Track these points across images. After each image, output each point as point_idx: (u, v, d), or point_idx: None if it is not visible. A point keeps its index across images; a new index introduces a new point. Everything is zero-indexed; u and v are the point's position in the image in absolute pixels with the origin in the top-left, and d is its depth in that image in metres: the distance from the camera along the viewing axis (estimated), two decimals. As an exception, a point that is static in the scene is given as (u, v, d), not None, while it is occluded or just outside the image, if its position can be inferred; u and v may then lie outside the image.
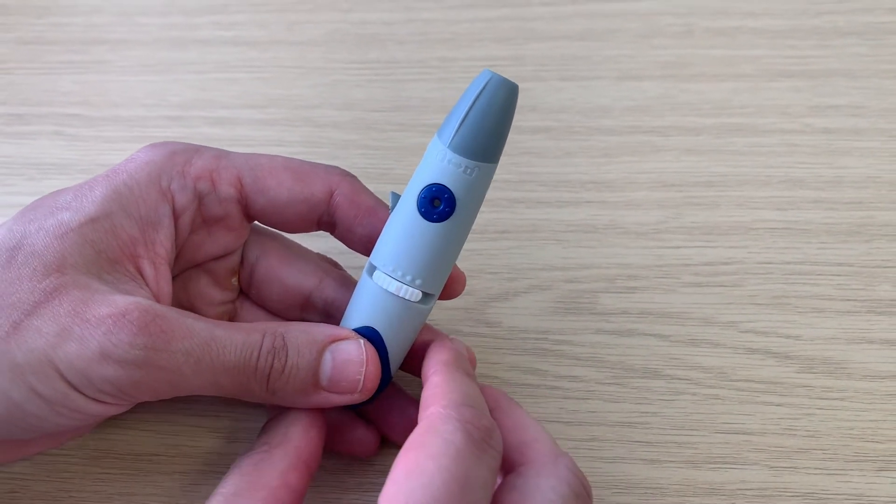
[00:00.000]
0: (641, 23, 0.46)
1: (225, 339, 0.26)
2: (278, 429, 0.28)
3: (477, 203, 0.28)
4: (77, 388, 0.25)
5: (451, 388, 0.26)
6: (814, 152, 0.40)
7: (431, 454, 0.23)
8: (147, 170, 0.28)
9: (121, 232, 0.27)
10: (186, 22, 0.49)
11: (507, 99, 0.26)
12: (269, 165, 0.30)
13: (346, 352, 0.28)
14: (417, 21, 0.47)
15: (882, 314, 0.35)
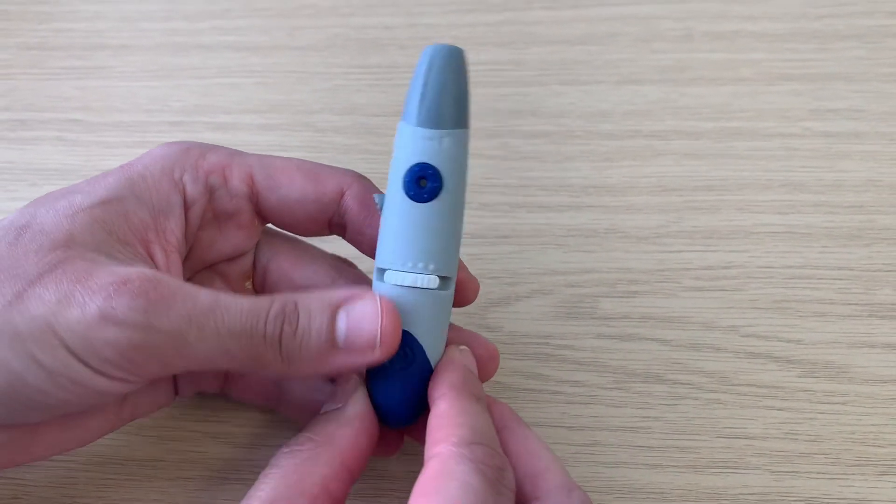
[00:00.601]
0: (641, 27, 0.46)
1: (230, 304, 0.25)
2: (326, 427, 0.26)
3: (462, 172, 0.27)
4: (79, 356, 0.24)
5: (461, 420, 0.25)
6: (814, 156, 0.40)
7: (449, 501, 0.22)
8: (161, 162, 0.29)
9: (132, 216, 0.27)
10: (188, 27, 0.49)
11: (456, 63, 0.26)
12: (282, 165, 0.30)
13: (361, 308, 0.26)
14: (418, 26, 0.47)
15: (884, 318, 0.35)
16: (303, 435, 0.26)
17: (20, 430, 0.27)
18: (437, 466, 0.23)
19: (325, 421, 0.27)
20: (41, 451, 0.29)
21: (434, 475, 0.23)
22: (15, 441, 0.27)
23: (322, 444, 0.26)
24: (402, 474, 0.32)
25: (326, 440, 0.26)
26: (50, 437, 0.28)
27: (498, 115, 0.43)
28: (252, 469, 0.32)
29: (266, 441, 0.33)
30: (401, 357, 0.27)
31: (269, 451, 0.32)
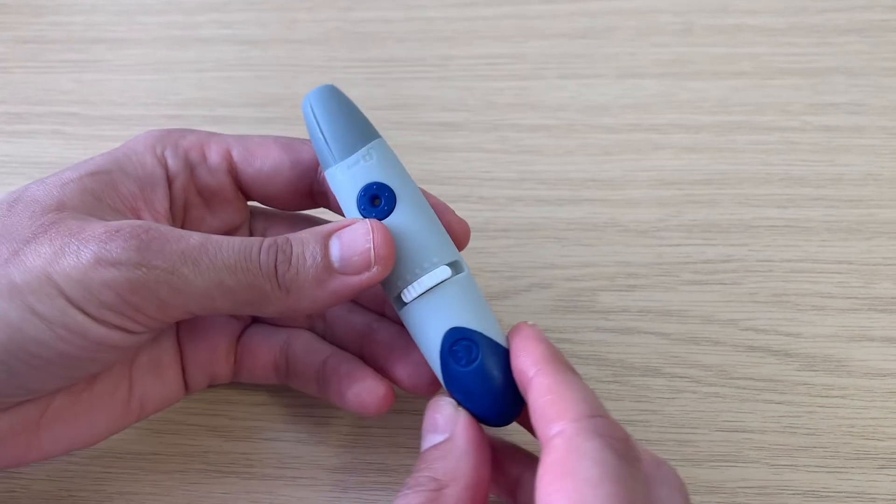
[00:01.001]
0: (641, 20, 0.46)
1: (222, 241, 0.26)
2: (446, 463, 0.25)
3: (401, 172, 0.28)
4: (76, 302, 0.24)
5: (571, 395, 0.24)
6: (814, 150, 0.40)
7: (590, 481, 0.21)
8: (143, 142, 0.30)
9: (120, 186, 0.28)
10: (186, 20, 0.48)
11: (331, 96, 0.28)
12: (259, 140, 0.31)
13: (352, 229, 0.27)
14: (417, 19, 0.47)
15: (883, 312, 0.35)
16: (422, 475, 0.25)
17: (24, 418, 0.27)
18: (564, 446, 0.22)
19: (440, 456, 0.25)
20: (47, 446, 0.28)
21: (563, 455, 0.22)
22: (19, 432, 0.27)
23: (446, 484, 0.25)
24: (397, 467, 0.32)
25: (450, 478, 0.25)
26: (56, 431, 0.28)
27: (497, 109, 0.43)
28: (248, 462, 0.32)
29: (263, 434, 0.33)
30: (467, 351, 0.27)
31: (266, 444, 0.32)
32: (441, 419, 0.26)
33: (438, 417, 0.27)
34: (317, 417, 0.33)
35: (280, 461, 0.32)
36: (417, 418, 0.32)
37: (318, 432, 0.33)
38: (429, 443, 0.26)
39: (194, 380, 0.32)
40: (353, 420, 0.33)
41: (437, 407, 0.27)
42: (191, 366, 0.32)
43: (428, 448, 0.26)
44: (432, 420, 0.27)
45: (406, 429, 0.33)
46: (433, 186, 0.40)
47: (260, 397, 0.34)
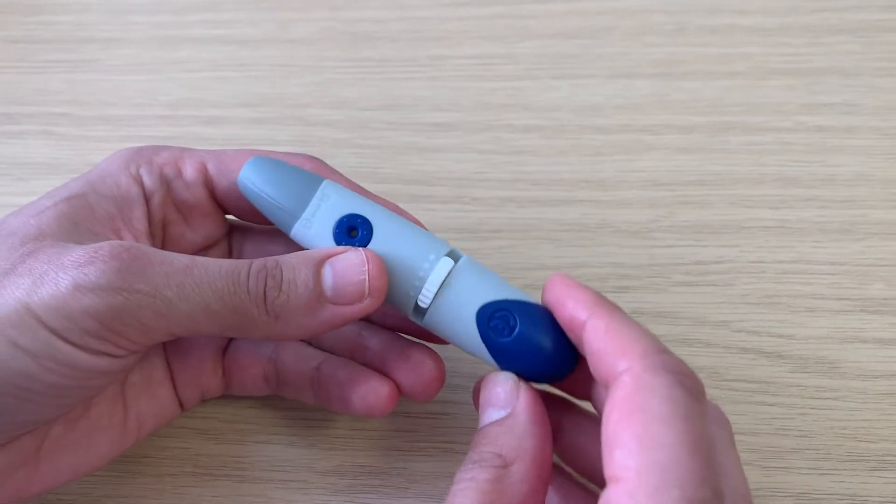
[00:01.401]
0: (634, 20, 0.46)
1: (208, 263, 0.25)
2: (510, 440, 0.24)
3: (362, 198, 0.28)
4: (59, 333, 0.24)
5: (630, 333, 0.23)
6: (807, 150, 0.40)
7: (660, 418, 0.20)
8: (117, 161, 0.29)
9: (97, 208, 0.28)
10: (177, 20, 0.48)
11: (264, 164, 0.29)
12: (234, 154, 0.30)
13: (346, 258, 0.26)
14: (410, 19, 0.47)
15: (875, 313, 0.35)
16: (486, 450, 0.24)
17: (21, 452, 0.27)
18: (632, 382, 0.21)
19: (504, 432, 0.25)
20: (49, 477, 0.28)
21: (632, 392, 0.21)
22: (18, 467, 0.27)
23: (513, 461, 0.24)
24: (389, 470, 0.32)
25: (516, 454, 0.24)
26: (56, 462, 0.28)
27: (489, 109, 0.43)
28: (239, 465, 0.32)
29: (254, 437, 0.33)
30: (504, 321, 0.26)
31: (257, 447, 0.32)
32: (503, 393, 0.26)
33: (500, 391, 0.26)
34: (308, 420, 0.33)
35: (271, 464, 0.32)
36: (408, 421, 0.33)
37: (309, 435, 0.33)
38: (489, 418, 0.25)
39: (186, 396, 0.31)
40: (344, 423, 0.33)
41: (496, 381, 0.26)
42: (180, 382, 0.31)
43: (489, 423, 0.25)
44: (493, 394, 0.26)
45: (398, 431, 0.33)
46: (426, 187, 0.40)
47: (251, 400, 0.34)
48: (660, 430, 0.20)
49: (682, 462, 0.20)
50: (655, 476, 0.20)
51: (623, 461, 0.20)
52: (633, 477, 0.20)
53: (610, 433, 0.21)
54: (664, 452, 0.20)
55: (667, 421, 0.20)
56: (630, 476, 0.20)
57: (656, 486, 0.19)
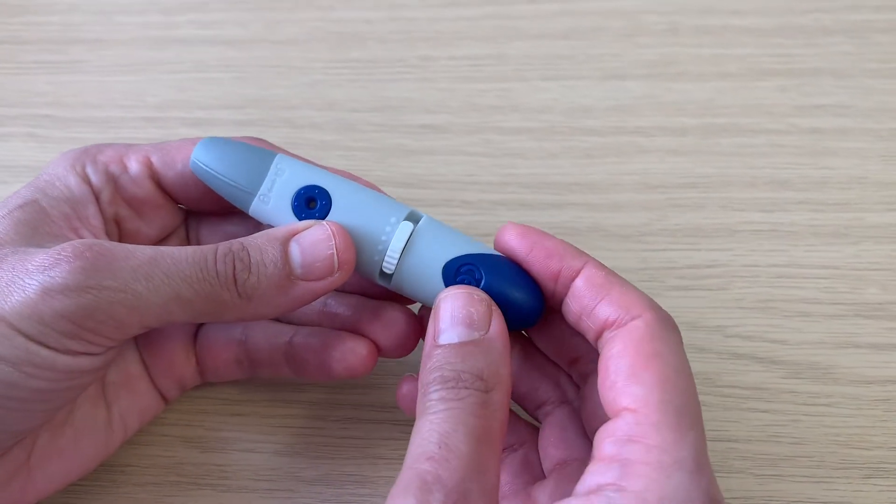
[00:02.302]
0: (626, 21, 0.45)
1: (175, 253, 0.25)
2: (487, 365, 0.24)
3: (317, 169, 0.29)
4: (35, 338, 0.24)
5: (626, 285, 0.26)
6: (800, 153, 0.40)
7: (676, 368, 0.24)
8: (62, 163, 0.29)
9: (52, 211, 0.28)
10: (165, 21, 0.48)
11: (213, 144, 0.28)
12: (178, 144, 0.30)
13: (312, 234, 0.26)
14: (399, 19, 0.47)
15: (869, 318, 0.34)
16: (465, 373, 0.24)
17: (13, 464, 0.27)
18: (647, 330, 0.24)
19: (479, 353, 0.25)
20: (42, 485, 0.28)
21: (648, 339, 0.24)
22: (11, 478, 0.27)
23: (493, 387, 0.24)
24: (376, 479, 0.31)
25: (494, 381, 0.24)
26: (47, 469, 0.28)
27: (479, 111, 0.42)
28: (223, 474, 0.31)
29: (238, 445, 0.32)
30: (470, 275, 0.27)
31: (242, 455, 0.32)
32: (476, 314, 0.25)
33: (473, 312, 0.25)
34: (294, 428, 0.33)
35: (256, 473, 0.31)
36: (396, 428, 0.32)
37: (295, 443, 0.32)
38: (459, 336, 0.25)
39: (164, 388, 0.31)
40: (331, 431, 0.32)
41: (468, 300, 0.26)
42: (155, 374, 0.31)
43: (462, 342, 0.25)
44: (466, 313, 0.25)
45: (385, 439, 0.32)
46: (416, 190, 0.39)
47: (236, 407, 0.33)
48: (675, 378, 0.23)
49: (693, 407, 0.23)
50: (673, 415, 0.23)
51: (643, 396, 0.23)
52: (653, 412, 0.23)
53: (625, 368, 0.24)
54: (680, 398, 0.23)
55: (680, 372, 0.24)
56: (649, 411, 0.23)
57: (677, 423, 0.22)
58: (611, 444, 0.23)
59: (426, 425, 0.23)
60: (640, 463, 0.22)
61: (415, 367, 0.33)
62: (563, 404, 0.29)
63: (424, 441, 0.23)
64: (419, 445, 0.23)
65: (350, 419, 0.33)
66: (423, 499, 0.21)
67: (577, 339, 0.28)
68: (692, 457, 0.22)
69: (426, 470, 0.22)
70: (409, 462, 0.22)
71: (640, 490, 0.21)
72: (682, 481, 0.22)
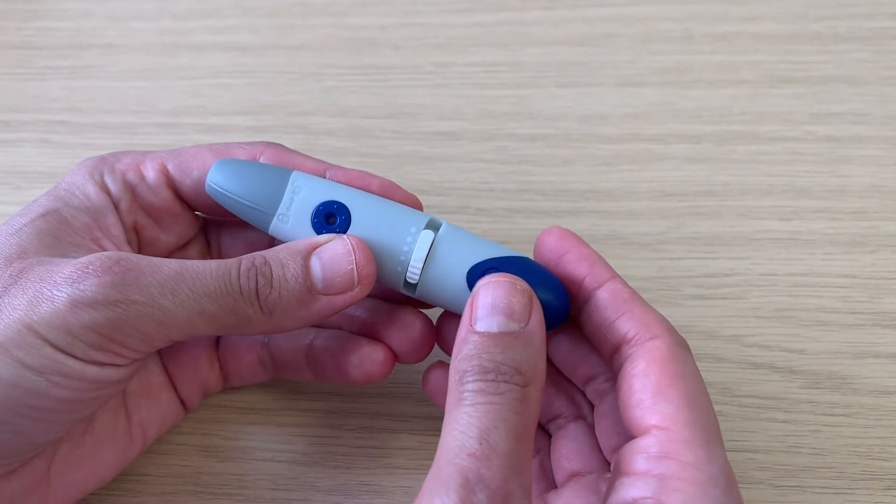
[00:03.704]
0: (640, 28, 0.45)
1: (199, 267, 0.26)
2: (526, 358, 0.24)
3: (334, 184, 0.29)
4: (63, 349, 0.24)
5: (646, 306, 0.26)
6: (816, 160, 0.39)
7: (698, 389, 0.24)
8: (81, 172, 0.29)
9: (73, 221, 0.28)
10: (178, 27, 0.48)
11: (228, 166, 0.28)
12: (194, 151, 0.30)
13: (332, 249, 0.27)
14: (413, 25, 0.46)
15: (888, 327, 0.34)
16: (504, 365, 0.23)
17: (33, 475, 0.27)
18: (668, 350, 0.25)
19: (518, 346, 0.24)
20: (61, 494, 0.28)
21: (669, 359, 0.25)
22: (31, 490, 0.27)
23: (531, 381, 0.24)
24: (394, 489, 0.31)
25: (531, 375, 0.24)
26: (66, 479, 0.28)
27: (494, 118, 0.42)
28: (241, 484, 0.31)
29: (256, 455, 0.32)
30: None
31: (260, 465, 0.32)
32: (517, 305, 0.25)
33: (514, 302, 0.25)
34: (311, 437, 0.32)
35: (274, 482, 0.31)
36: (413, 438, 0.32)
37: (313, 453, 0.32)
38: (499, 326, 0.24)
39: (188, 395, 0.31)
40: (347, 440, 0.32)
41: (512, 289, 0.25)
42: (179, 382, 0.31)
43: (502, 332, 0.24)
44: (507, 303, 0.25)
45: (401, 449, 0.32)
46: (430, 197, 0.39)
47: (252, 416, 0.33)
48: (699, 398, 0.24)
49: (716, 426, 0.24)
50: (701, 433, 0.23)
51: (672, 415, 0.23)
52: (683, 429, 0.23)
53: (651, 387, 0.24)
54: (705, 417, 0.24)
55: (702, 393, 0.24)
56: (679, 428, 0.23)
57: (706, 441, 0.23)
58: (643, 459, 0.23)
59: (464, 418, 0.23)
60: (676, 479, 0.22)
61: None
62: (578, 419, 0.29)
63: (463, 435, 0.22)
64: (456, 438, 0.22)
65: (366, 428, 0.33)
66: (466, 498, 0.21)
67: (593, 358, 0.29)
68: (723, 474, 0.23)
69: (468, 467, 0.21)
70: (447, 455, 0.22)
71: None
72: (717, 498, 0.22)
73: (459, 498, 0.21)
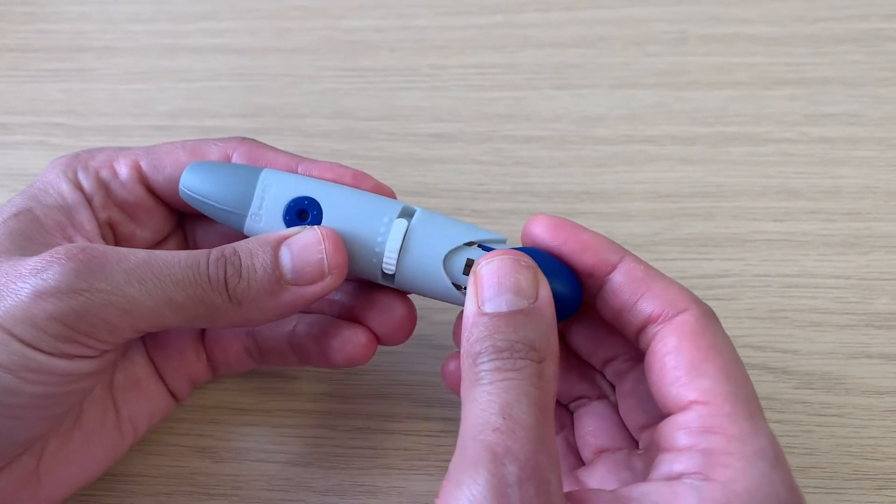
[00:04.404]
0: (635, 30, 0.45)
1: (167, 256, 0.26)
2: (538, 334, 0.23)
3: (304, 179, 0.29)
4: (30, 342, 0.24)
5: (666, 279, 0.26)
6: (810, 162, 0.40)
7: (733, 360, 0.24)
8: (54, 170, 0.29)
9: (46, 220, 0.28)
10: (175, 29, 0.48)
11: (199, 169, 0.29)
12: (167, 148, 0.30)
13: (302, 239, 0.26)
14: (409, 28, 0.47)
15: (881, 328, 0.34)
16: (518, 342, 0.23)
17: (22, 472, 0.27)
18: (697, 323, 0.25)
19: (529, 323, 0.24)
20: (52, 492, 0.28)
21: (700, 331, 0.24)
22: (20, 487, 0.27)
23: (545, 357, 0.23)
24: (388, 489, 0.31)
25: (545, 351, 0.23)
26: (56, 475, 0.28)
27: (490, 120, 0.42)
28: (236, 485, 0.31)
29: (251, 456, 0.32)
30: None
31: (254, 465, 0.32)
32: (524, 282, 0.24)
33: (521, 279, 0.24)
34: (306, 438, 0.33)
35: (269, 483, 0.32)
36: (408, 439, 0.32)
37: (307, 454, 0.32)
38: (509, 304, 0.24)
39: (176, 387, 0.31)
40: (342, 441, 0.33)
41: (517, 266, 0.25)
42: (167, 375, 0.31)
43: (512, 310, 0.24)
44: (514, 280, 0.24)
45: (396, 449, 0.32)
46: (426, 199, 0.39)
47: (247, 417, 0.33)
48: (736, 369, 0.24)
49: (755, 397, 0.24)
50: (744, 405, 0.23)
51: (711, 389, 0.23)
52: (724, 402, 0.23)
53: (686, 362, 0.24)
54: (744, 388, 0.24)
55: (738, 363, 0.24)
56: (721, 402, 0.23)
57: (750, 413, 0.23)
58: (685, 435, 0.23)
59: (483, 396, 0.22)
60: (722, 453, 0.22)
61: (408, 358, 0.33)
62: (601, 398, 0.29)
63: (484, 412, 0.22)
64: (478, 416, 0.22)
65: (360, 429, 0.33)
66: (496, 472, 0.20)
67: (611, 339, 0.28)
68: (770, 446, 0.23)
69: (494, 441, 0.21)
70: (470, 433, 0.22)
71: (726, 480, 0.22)
72: (765, 471, 0.22)
73: (490, 472, 0.21)
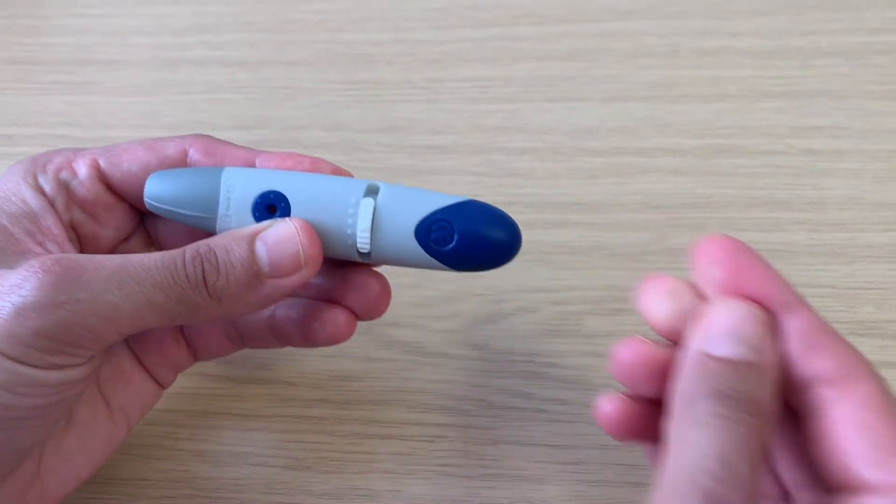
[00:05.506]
0: (627, 43, 0.46)
1: (143, 260, 0.26)
2: (761, 393, 0.23)
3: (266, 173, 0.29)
4: (19, 359, 0.24)
5: (847, 345, 0.25)
6: (797, 173, 0.41)
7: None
8: (14, 178, 0.29)
9: (13, 228, 0.28)
10: (176, 42, 0.49)
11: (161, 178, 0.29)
12: (125, 146, 0.30)
13: (276, 232, 0.27)
14: (406, 41, 0.48)
15: (864, 336, 0.35)
16: (740, 388, 0.22)
17: (25, 476, 0.27)
18: (879, 399, 0.23)
19: (757, 382, 0.23)
20: (55, 490, 0.28)
21: (882, 409, 0.23)
22: (25, 491, 0.27)
23: (766, 415, 0.23)
24: (385, 493, 0.32)
25: (769, 409, 0.23)
26: (57, 475, 0.28)
27: (484, 132, 0.43)
28: (236, 488, 0.32)
29: (250, 460, 0.33)
30: (442, 230, 0.28)
31: (254, 469, 0.33)
32: (757, 335, 0.23)
33: (755, 333, 0.23)
34: (305, 443, 0.33)
35: (268, 486, 0.32)
36: (405, 443, 0.33)
37: (305, 458, 0.33)
38: (738, 354, 0.23)
39: (161, 375, 0.32)
40: (339, 445, 0.33)
41: (754, 319, 0.24)
42: (149, 364, 0.31)
43: (741, 360, 0.23)
44: (750, 332, 0.23)
45: (392, 454, 0.33)
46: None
47: (248, 422, 0.34)
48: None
49: None
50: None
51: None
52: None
53: (875, 439, 0.22)
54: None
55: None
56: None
57: None
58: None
59: (702, 438, 0.22)
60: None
61: (403, 365, 0.34)
62: None
63: (702, 455, 0.21)
64: (693, 458, 0.22)
65: (358, 434, 0.34)
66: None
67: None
68: None
69: (709, 486, 0.21)
70: (682, 471, 0.22)
71: None
72: None
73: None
